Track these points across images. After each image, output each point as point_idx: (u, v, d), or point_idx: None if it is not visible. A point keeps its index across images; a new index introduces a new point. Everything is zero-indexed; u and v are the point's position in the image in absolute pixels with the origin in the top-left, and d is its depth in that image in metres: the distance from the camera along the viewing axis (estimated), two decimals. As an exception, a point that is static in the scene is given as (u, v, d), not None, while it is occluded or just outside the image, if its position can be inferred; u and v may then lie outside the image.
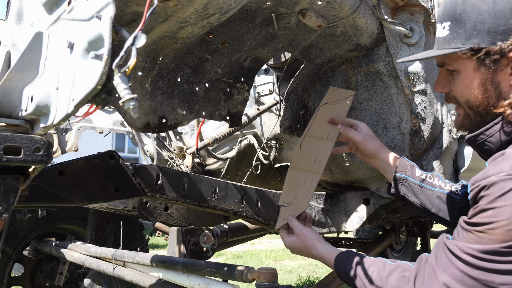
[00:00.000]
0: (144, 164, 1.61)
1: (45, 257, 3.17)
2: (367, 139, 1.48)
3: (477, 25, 1.06)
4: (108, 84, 0.70)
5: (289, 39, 1.61)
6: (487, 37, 1.05)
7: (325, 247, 1.34)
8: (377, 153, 1.48)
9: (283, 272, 5.96)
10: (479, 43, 1.06)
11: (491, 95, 1.09)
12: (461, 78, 1.13)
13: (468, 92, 1.13)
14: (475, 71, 1.10)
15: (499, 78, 1.08)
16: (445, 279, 0.95)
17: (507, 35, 1.03)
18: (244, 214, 1.86)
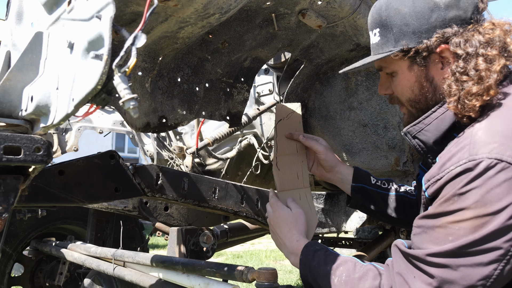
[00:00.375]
0: (144, 164, 1.61)
1: (45, 257, 3.17)
2: (328, 151, 1.49)
3: (402, 27, 1.12)
4: (108, 84, 0.70)
5: (289, 39, 1.61)
6: (414, 37, 1.11)
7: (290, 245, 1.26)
8: (335, 166, 1.49)
9: (283, 272, 5.96)
10: (407, 44, 1.11)
11: (428, 90, 1.14)
12: (399, 78, 1.19)
13: (407, 90, 1.18)
14: (410, 70, 1.15)
15: (432, 73, 1.13)
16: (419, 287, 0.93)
17: (430, 32, 1.09)
18: (244, 214, 1.86)
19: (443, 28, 1.08)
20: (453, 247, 0.89)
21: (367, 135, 1.91)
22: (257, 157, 2.55)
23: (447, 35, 1.07)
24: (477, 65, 1.02)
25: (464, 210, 0.90)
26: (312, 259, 1.17)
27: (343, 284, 1.06)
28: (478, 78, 1.01)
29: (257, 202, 1.94)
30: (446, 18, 1.08)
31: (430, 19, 1.09)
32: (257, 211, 1.93)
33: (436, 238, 0.93)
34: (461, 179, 0.91)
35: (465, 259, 0.89)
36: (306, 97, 2.00)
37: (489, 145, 0.92)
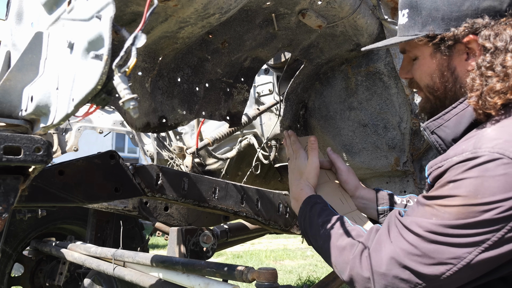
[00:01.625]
0: (144, 164, 1.61)
1: (45, 257, 3.18)
2: (350, 172, 1.46)
3: (432, 12, 1.08)
4: (108, 84, 0.70)
5: (289, 39, 1.61)
6: (442, 23, 1.07)
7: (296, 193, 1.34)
8: (357, 190, 1.45)
9: (283, 272, 5.96)
10: (434, 30, 1.08)
11: (448, 80, 1.11)
12: (420, 64, 1.16)
13: (426, 77, 1.16)
14: (432, 57, 1.13)
15: (455, 63, 1.10)
16: (392, 250, 0.96)
17: (460, 21, 1.05)
18: (244, 214, 1.86)
19: (474, 18, 1.03)
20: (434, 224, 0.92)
21: (367, 135, 1.91)
22: (257, 157, 2.55)
23: (477, 26, 1.03)
24: (504, 61, 0.98)
25: (455, 197, 0.91)
26: (309, 210, 1.24)
27: (326, 236, 1.13)
28: (504, 75, 0.97)
29: (257, 202, 1.94)
30: (480, 7, 1.03)
31: (462, 6, 1.04)
32: (257, 211, 1.93)
33: (422, 215, 0.96)
34: (459, 167, 0.92)
35: (441, 237, 0.91)
36: (306, 97, 2.00)
37: (494, 140, 0.91)
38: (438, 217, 0.92)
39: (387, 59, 1.75)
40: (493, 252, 0.88)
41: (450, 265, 0.90)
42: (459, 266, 0.89)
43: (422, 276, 0.92)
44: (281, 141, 2.39)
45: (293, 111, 1.95)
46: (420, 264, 0.92)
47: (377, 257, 0.98)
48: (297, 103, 1.96)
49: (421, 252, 0.92)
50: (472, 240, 0.88)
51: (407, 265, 0.93)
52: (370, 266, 0.98)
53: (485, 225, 0.87)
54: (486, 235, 0.88)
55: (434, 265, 0.91)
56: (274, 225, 1.98)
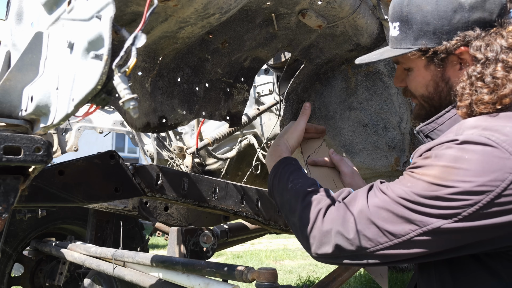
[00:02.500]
0: (144, 164, 1.61)
1: (45, 257, 3.17)
2: (355, 175, 1.47)
3: (423, 26, 1.09)
4: (108, 84, 0.70)
5: (289, 39, 1.61)
6: (433, 37, 1.08)
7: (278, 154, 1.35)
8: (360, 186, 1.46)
9: (283, 272, 5.96)
10: (426, 44, 1.09)
11: (443, 89, 1.13)
12: (414, 75, 1.18)
13: (421, 88, 1.17)
14: (426, 69, 1.14)
15: (448, 74, 1.12)
16: (363, 205, 0.98)
17: (451, 34, 1.06)
18: (244, 214, 1.86)
19: (464, 31, 1.05)
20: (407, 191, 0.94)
21: (367, 135, 1.91)
22: (257, 157, 2.55)
23: (468, 39, 1.04)
24: (495, 72, 1.00)
25: (434, 166, 0.93)
26: (283, 168, 1.25)
27: (293, 190, 1.14)
28: (494, 85, 0.99)
29: (257, 202, 1.94)
30: (470, 20, 1.04)
31: (452, 20, 1.05)
32: (257, 211, 1.93)
33: (399, 181, 0.99)
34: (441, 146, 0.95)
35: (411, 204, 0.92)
36: (306, 97, 2.00)
37: (474, 128, 0.95)
38: (413, 184, 0.94)
39: (387, 59, 1.75)
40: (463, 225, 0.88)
41: (415, 226, 0.91)
42: (424, 229, 0.91)
43: (387, 233, 0.94)
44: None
45: (293, 111, 1.95)
46: (386, 222, 0.94)
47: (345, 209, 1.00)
48: (297, 103, 1.96)
49: (390, 210, 0.94)
50: (443, 212, 0.89)
51: (374, 221, 0.95)
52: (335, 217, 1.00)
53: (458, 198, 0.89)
54: (458, 209, 0.89)
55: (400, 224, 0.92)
56: (274, 225, 1.98)
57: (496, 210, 0.87)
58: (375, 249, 0.95)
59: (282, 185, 1.20)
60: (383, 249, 0.95)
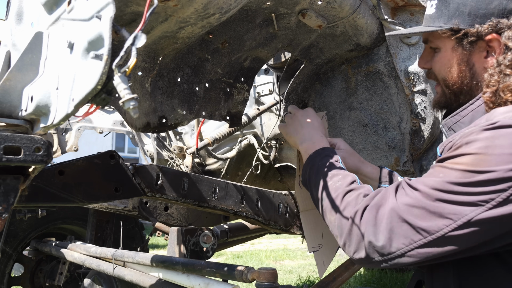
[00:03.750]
0: (144, 164, 1.61)
1: (45, 257, 3.17)
2: (346, 156, 1.46)
3: (459, 6, 1.10)
4: (108, 84, 0.70)
5: (289, 39, 1.61)
6: (467, 18, 1.09)
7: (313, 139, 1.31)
8: (358, 169, 1.46)
9: (283, 272, 5.96)
10: (458, 24, 1.09)
11: (466, 75, 1.13)
12: (440, 56, 1.18)
13: (445, 70, 1.17)
14: (453, 51, 1.14)
15: (474, 60, 1.11)
16: (394, 204, 0.95)
17: (485, 19, 1.07)
18: (244, 214, 1.86)
19: (499, 18, 1.05)
20: (439, 181, 0.91)
21: (367, 135, 1.91)
22: (257, 157, 2.55)
23: (501, 26, 1.05)
24: None
25: (466, 155, 0.91)
26: (321, 160, 1.21)
27: (333, 189, 1.11)
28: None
29: (257, 202, 1.94)
30: (507, 8, 1.05)
31: (490, 4, 1.06)
32: (257, 211, 1.93)
33: (431, 174, 0.96)
34: (471, 132, 0.93)
35: (444, 194, 0.90)
36: (306, 97, 2.00)
37: (505, 113, 0.93)
38: (445, 174, 0.92)
39: (387, 59, 1.75)
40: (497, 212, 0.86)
41: (449, 220, 0.88)
42: (459, 223, 0.88)
43: (420, 230, 0.91)
44: (281, 141, 2.39)
45: (293, 111, 1.94)
46: (419, 218, 0.91)
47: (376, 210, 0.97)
48: (297, 103, 1.96)
49: (422, 206, 0.91)
50: (477, 199, 0.87)
51: (406, 219, 0.92)
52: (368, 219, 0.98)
53: (492, 183, 0.86)
54: (492, 194, 0.86)
55: (433, 220, 0.89)
56: (274, 225, 1.98)
57: None
58: (409, 248, 0.92)
59: (320, 179, 1.17)
60: (418, 248, 0.91)
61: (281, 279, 5.44)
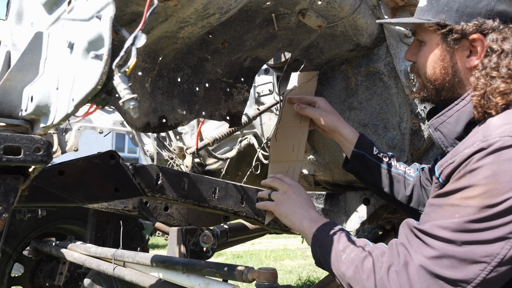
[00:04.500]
0: (144, 164, 1.61)
1: (45, 257, 3.17)
2: (324, 115, 1.50)
3: (449, 1, 1.10)
4: (108, 84, 0.70)
5: (289, 39, 1.61)
6: (455, 15, 1.09)
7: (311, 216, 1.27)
8: (335, 128, 1.49)
9: (283, 272, 5.96)
10: (445, 19, 1.10)
11: (448, 72, 1.13)
12: (425, 50, 1.18)
13: (428, 65, 1.17)
14: (438, 46, 1.14)
15: (457, 57, 1.12)
16: (420, 260, 0.90)
17: (472, 17, 1.07)
18: (244, 214, 1.86)
19: (485, 18, 1.05)
20: (459, 222, 0.86)
21: (367, 135, 1.91)
22: (257, 157, 2.55)
23: (485, 27, 1.05)
24: (510, 64, 1.00)
25: (474, 186, 0.87)
26: (326, 236, 1.16)
27: (350, 261, 1.05)
28: (508, 77, 0.99)
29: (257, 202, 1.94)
30: (494, 9, 1.05)
31: (478, 4, 1.06)
32: (257, 211, 1.93)
33: (443, 216, 0.91)
34: (473, 158, 0.90)
35: (469, 235, 0.85)
36: (306, 97, 2.00)
37: (503, 126, 0.91)
38: (461, 213, 0.87)
39: (387, 59, 1.75)
40: None
41: (484, 264, 0.84)
42: (494, 264, 0.83)
43: (459, 282, 0.85)
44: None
45: (293, 111, 1.94)
46: (452, 269, 0.86)
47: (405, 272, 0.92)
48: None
49: (451, 255, 0.86)
50: (502, 232, 0.83)
51: (439, 274, 0.87)
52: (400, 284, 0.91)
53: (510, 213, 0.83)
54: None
55: (467, 267, 0.85)
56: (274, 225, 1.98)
57: None
58: None
59: (333, 256, 1.10)
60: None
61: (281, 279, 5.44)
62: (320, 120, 1.49)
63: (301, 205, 1.32)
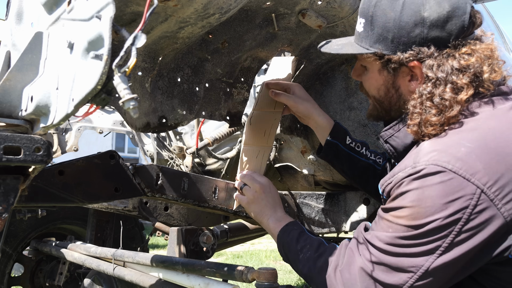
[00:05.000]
0: (144, 164, 1.61)
1: (45, 257, 3.17)
2: (298, 102, 1.52)
3: (383, 31, 1.10)
4: (108, 84, 0.70)
5: (289, 39, 1.61)
6: (391, 45, 1.10)
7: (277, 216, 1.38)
8: (310, 115, 1.53)
9: (283, 272, 5.95)
10: (382, 49, 1.11)
11: (393, 96, 1.18)
12: (369, 76, 1.22)
13: (374, 89, 1.22)
14: (379, 73, 1.18)
15: (399, 83, 1.15)
16: (362, 263, 1.03)
17: (407, 46, 1.08)
18: (244, 214, 1.86)
19: (420, 46, 1.07)
20: (391, 237, 0.99)
21: (367, 135, 1.91)
22: (257, 157, 2.55)
23: (421, 55, 1.07)
24: (443, 93, 1.03)
25: (402, 208, 0.98)
26: (287, 236, 1.30)
27: (305, 260, 1.20)
28: (442, 106, 1.03)
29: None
30: (428, 37, 1.06)
31: (411, 33, 1.07)
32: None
33: (381, 228, 1.04)
34: (403, 181, 0.99)
35: (398, 248, 0.98)
36: (306, 97, 2.00)
37: (429, 153, 0.98)
38: (393, 228, 1.00)
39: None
40: (447, 257, 0.94)
41: (411, 273, 0.97)
42: (419, 273, 0.95)
43: (390, 285, 0.99)
44: (281, 141, 2.39)
45: (293, 111, 1.94)
46: (386, 274, 0.99)
47: (348, 272, 1.05)
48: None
49: (385, 263, 0.99)
50: (426, 248, 0.95)
51: (376, 277, 1.00)
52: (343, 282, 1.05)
53: (434, 233, 0.94)
54: (437, 242, 0.94)
55: (398, 274, 0.98)
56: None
57: (469, 234, 0.93)
58: None
59: (294, 255, 1.25)
60: None
61: (281, 279, 5.44)
62: (294, 106, 1.53)
63: (270, 205, 1.42)
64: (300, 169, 2.19)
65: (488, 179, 0.92)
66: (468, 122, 1.02)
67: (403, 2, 1.07)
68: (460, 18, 1.04)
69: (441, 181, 0.93)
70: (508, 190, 0.92)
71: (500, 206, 0.92)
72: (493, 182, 0.92)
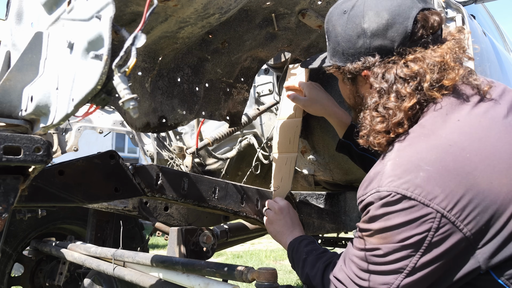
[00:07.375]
0: (144, 164, 1.61)
1: (45, 257, 3.17)
2: (307, 104, 1.61)
3: (335, 45, 1.17)
4: (108, 84, 0.70)
5: (289, 39, 1.61)
6: (342, 57, 1.16)
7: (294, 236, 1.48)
8: (325, 115, 1.62)
9: (283, 272, 5.95)
10: (337, 62, 1.17)
11: (360, 103, 1.20)
12: (340, 85, 1.28)
13: (346, 97, 1.28)
14: (344, 83, 1.23)
15: (362, 91, 1.18)
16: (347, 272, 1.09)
17: (355, 57, 1.12)
18: (244, 214, 1.86)
19: (366, 56, 1.10)
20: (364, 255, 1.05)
21: (367, 135, 1.92)
22: (257, 157, 2.55)
23: (368, 64, 1.09)
24: (387, 102, 1.05)
25: (371, 231, 1.03)
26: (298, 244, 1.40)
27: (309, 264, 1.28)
28: (387, 115, 1.04)
29: (257, 202, 1.94)
30: (371, 46, 1.08)
31: (356, 44, 1.10)
32: (257, 211, 1.93)
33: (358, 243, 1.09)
34: (371, 207, 1.03)
35: (371, 265, 1.03)
36: (306, 97, 2.00)
37: (390, 177, 1.00)
38: (366, 247, 1.05)
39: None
40: (414, 277, 0.98)
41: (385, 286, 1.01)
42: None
43: None
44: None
45: (293, 111, 1.94)
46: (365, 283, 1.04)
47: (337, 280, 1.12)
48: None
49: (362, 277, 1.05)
50: (395, 267, 0.99)
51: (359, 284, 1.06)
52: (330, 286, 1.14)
53: (400, 253, 0.98)
54: (403, 261, 0.98)
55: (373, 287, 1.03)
56: None
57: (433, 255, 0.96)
58: None
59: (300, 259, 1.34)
60: None
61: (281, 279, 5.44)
62: (306, 109, 1.62)
63: (288, 225, 1.54)
64: (300, 169, 2.20)
65: (447, 203, 0.94)
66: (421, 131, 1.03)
67: (347, 17, 1.12)
68: (402, 25, 1.05)
69: (403, 208, 0.96)
70: (469, 210, 0.94)
71: (462, 227, 0.94)
72: (452, 205, 0.94)
